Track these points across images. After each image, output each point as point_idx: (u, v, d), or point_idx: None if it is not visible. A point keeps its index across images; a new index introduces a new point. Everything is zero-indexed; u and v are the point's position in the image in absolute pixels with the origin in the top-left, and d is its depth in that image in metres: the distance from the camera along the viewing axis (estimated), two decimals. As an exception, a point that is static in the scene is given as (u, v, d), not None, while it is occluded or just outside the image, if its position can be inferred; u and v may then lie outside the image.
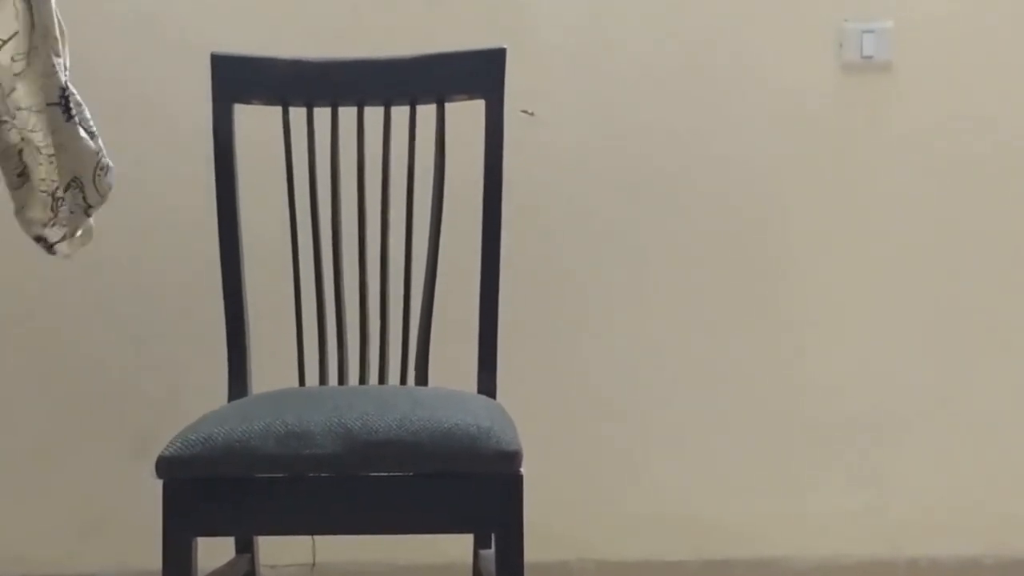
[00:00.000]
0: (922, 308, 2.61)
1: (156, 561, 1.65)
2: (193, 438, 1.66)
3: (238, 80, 2.07)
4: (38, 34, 1.78)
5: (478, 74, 2.05)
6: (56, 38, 1.79)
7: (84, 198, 1.85)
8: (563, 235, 2.57)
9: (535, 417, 2.08)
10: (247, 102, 2.09)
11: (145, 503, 1.78)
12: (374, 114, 2.07)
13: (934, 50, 2.58)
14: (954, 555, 2.59)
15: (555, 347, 2.57)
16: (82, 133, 1.82)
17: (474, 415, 1.70)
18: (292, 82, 2.08)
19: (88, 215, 1.88)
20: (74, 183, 1.85)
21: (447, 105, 2.07)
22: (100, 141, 1.84)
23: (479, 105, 2.05)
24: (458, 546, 2.06)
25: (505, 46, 2.05)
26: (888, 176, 2.60)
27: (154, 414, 2.47)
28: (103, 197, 1.87)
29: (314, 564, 2.51)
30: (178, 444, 1.66)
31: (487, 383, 2.03)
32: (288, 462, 1.64)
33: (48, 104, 1.80)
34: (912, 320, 2.61)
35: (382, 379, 2.06)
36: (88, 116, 1.83)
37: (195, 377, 2.43)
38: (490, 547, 1.93)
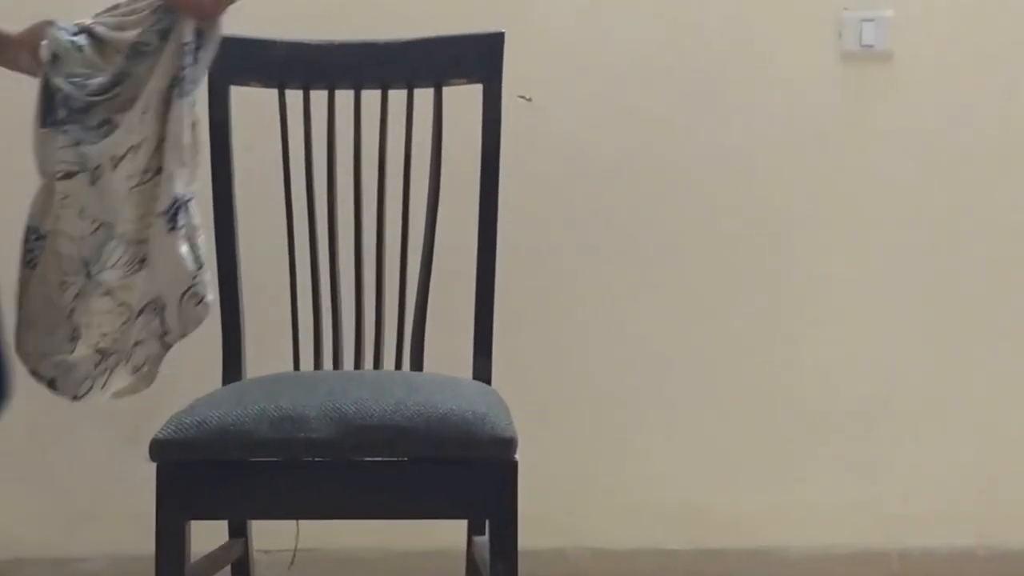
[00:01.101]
0: (917, 298, 2.61)
1: (149, 545, 1.65)
2: (187, 421, 1.66)
3: (235, 62, 2.06)
4: (169, 141, 1.74)
5: (476, 58, 2.04)
6: (184, 147, 1.75)
7: (162, 323, 1.76)
8: (560, 222, 2.57)
9: (530, 404, 2.08)
10: (244, 84, 2.08)
11: (139, 487, 1.77)
12: (371, 97, 2.06)
13: (934, 39, 2.58)
14: (947, 546, 2.59)
15: (550, 334, 2.57)
16: (182, 249, 1.73)
17: (469, 401, 1.70)
18: (289, 64, 2.07)
19: (164, 345, 1.77)
20: (153, 305, 1.77)
21: (444, 89, 2.06)
22: (205, 274, 1.75)
23: (477, 90, 2.04)
24: (452, 532, 2.06)
25: (504, 31, 2.04)
26: (887, 165, 2.59)
27: (148, 397, 2.45)
28: (184, 330, 1.77)
29: (304, 550, 2.51)
30: (172, 427, 1.66)
31: (482, 369, 2.03)
32: (282, 446, 1.63)
33: (159, 213, 1.74)
34: (907, 310, 2.61)
35: (377, 364, 2.06)
36: (200, 244, 1.75)
37: (189, 361, 2.41)
38: (484, 534, 1.93)
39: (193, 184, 1.77)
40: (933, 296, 2.60)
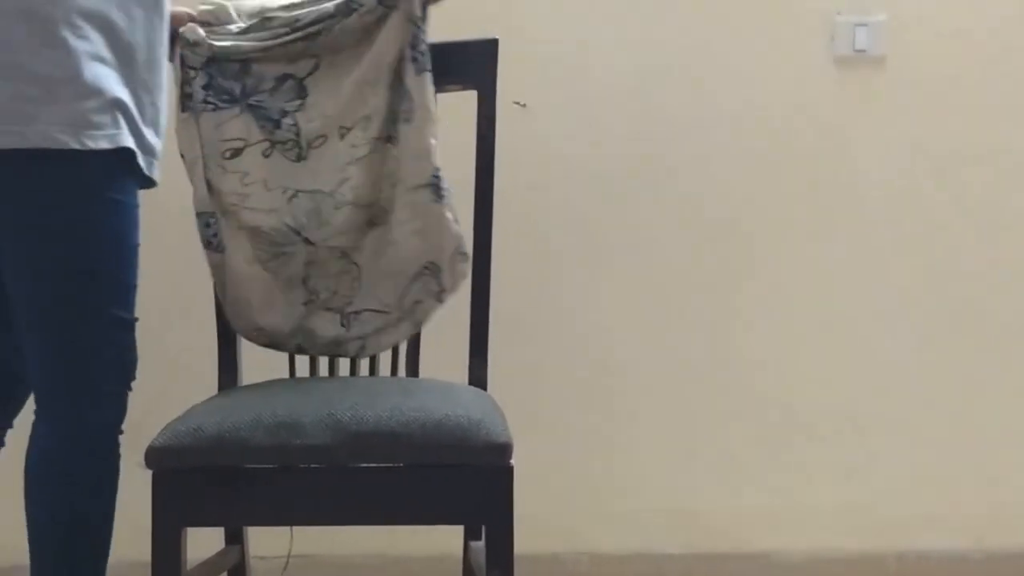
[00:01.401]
0: (912, 302, 2.61)
1: (146, 552, 1.65)
2: (183, 428, 1.65)
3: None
4: (418, 115, 1.85)
5: (471, 65, 2.04)
6: (436, 121, 1.87)
7: (438, 283, 1.91)
8: (554, 227, 2.57)
9: (526, 409, 2.08)
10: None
11: (134, 494, 1.77)
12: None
13: (927, 43, 2.58)
14: (942, 549, 2.60)
15: (546, 339, 2.57)
16: (449, 215, 1.87)
17: (464, 407, 1.70)
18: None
19: (439, 300, 1.93)
20: (428, 269, 1.91)
21: (439, 95, 2.06)
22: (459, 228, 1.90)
23: (471, 96, 2.04)
24: (449, 538, 2.06)
25: (498, 37, 2.04)
26: (880, 170, 2.60)
27: (144, 405, 2.45)
28: (455, 287, 1.93)
29: (300, 556, 2.50)
30: (168, 434, 1.66)
31: (478, 375, 2.03)
32: (278, 453, 1.63)
33: (417, 186, 1.85)
34: (902, 315, 2.61)
35: (372, 370, 2.06)
36: (454, 206, 1.89)
37: (185, 368, 2.42)
38: (481, 539, 1.93)
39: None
40: (927, 299, 2.61)
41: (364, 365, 2.06)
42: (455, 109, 2.08)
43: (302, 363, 2.06)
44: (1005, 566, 2.59)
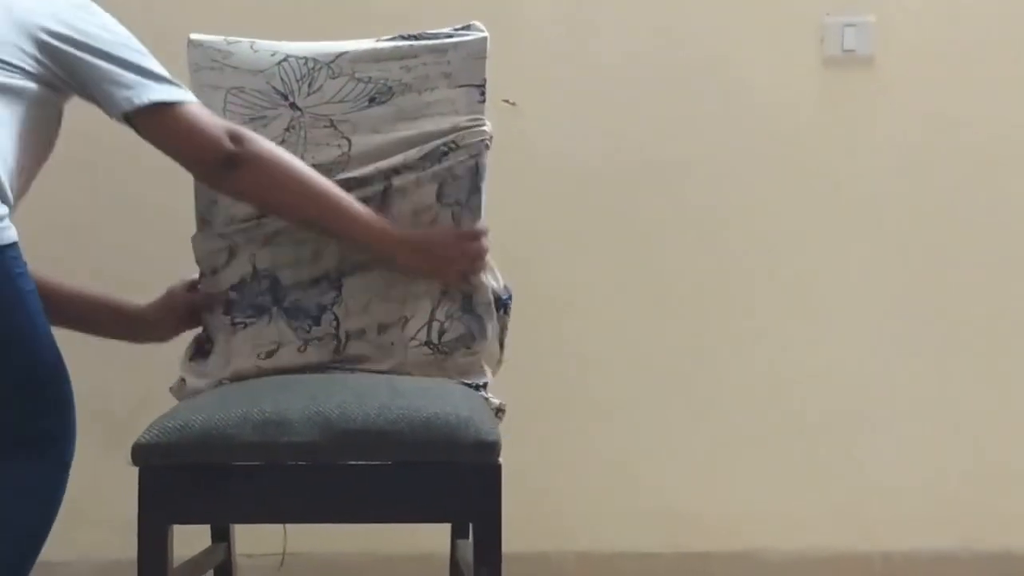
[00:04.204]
0: (902, 303, 2.62)
1: (132, 550, 1.64)
2: (169, 425, 1.65)
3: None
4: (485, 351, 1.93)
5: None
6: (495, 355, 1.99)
7: None
8: (544, 225, 2.57)
9: (515, 407, 2.08)
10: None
11: (121, 491, 1.76)
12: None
13: (916, 44, 2.59)
14: (929, 549, 2.60)
15: (536, 338, 2.56)
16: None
17: (453, 404, 1.69)
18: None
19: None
20: None
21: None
22: None
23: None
24: (436, 536, 2.06)
25: (487, 34, 2.04)
26: (869, 171, 2.60)
27: (130, 401, 2.45)
28: None
29: (289, 554, 2.50)
30: (154, 431, 1.65)
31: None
32: (265, 450, 1.63)
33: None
34: (891, 315, 2.61)
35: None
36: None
37: (172, 364, 2.40)
38: (468, 537, 1.92)
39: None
40: (916, 300, 2.61)
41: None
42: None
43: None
44: (991, 566, 2.60)
